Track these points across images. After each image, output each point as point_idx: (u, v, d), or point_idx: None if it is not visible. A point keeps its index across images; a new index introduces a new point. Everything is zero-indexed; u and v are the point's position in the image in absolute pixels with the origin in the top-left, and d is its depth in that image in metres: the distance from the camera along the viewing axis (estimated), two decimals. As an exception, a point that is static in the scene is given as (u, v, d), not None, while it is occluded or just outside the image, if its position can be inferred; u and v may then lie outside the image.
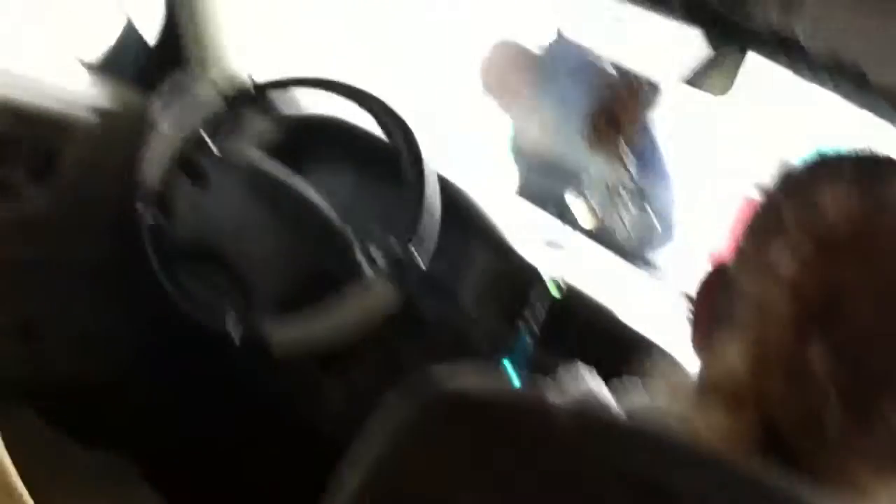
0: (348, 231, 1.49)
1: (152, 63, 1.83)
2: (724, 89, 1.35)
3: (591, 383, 0.68)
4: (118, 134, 1.74)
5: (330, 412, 1.55)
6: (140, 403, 1.78)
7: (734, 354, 0.60)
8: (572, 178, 1.66)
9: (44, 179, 1.67)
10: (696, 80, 1.39)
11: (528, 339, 1.41)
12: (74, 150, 1.69)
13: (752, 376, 0.58)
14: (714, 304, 0.66)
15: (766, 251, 0.60)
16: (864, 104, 1.14)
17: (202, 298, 1.49)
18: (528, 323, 1.41)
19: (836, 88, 1.25)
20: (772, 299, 0.58)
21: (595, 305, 1.45)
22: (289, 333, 1.39)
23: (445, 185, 1.51)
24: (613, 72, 1.55)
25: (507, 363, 1.39)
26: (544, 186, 1.72)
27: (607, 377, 0.71)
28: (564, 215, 1.57)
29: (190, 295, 1.49)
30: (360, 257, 1.44)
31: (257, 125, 1.72)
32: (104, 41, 1.78)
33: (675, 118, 1.74)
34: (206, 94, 1.65)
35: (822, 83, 1.24)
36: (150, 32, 1.83)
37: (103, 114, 1.71)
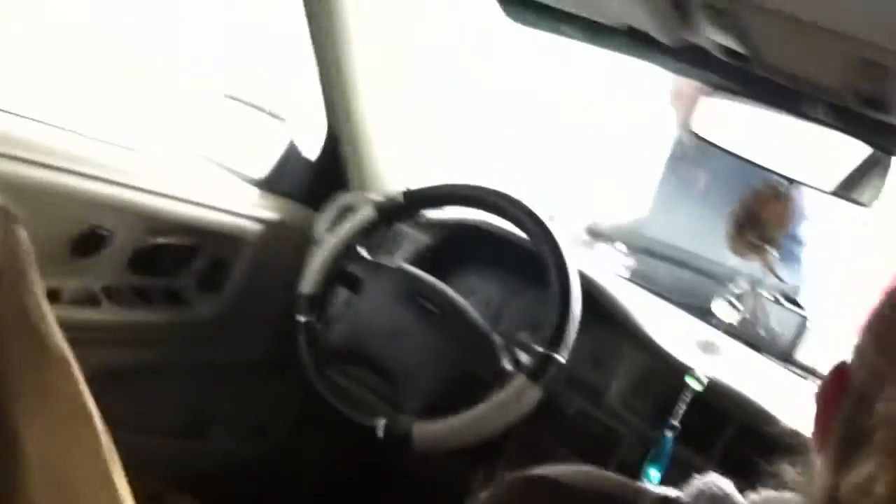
0: (493, 334, 1.54)
1: (314, 180, 1.96)
2: (871, 199, 1.32)
3: (716, 479, 0.69)
4: (282, 246, 1.86)
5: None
6: (290, 481, 1.87)
7: (872, 476, 0.57)
8: (714, 278, 1.66)
9: (212, 288, 1.80)
10: (845, 191, 1.36)
11: (672, 437, 1.39)
12: (243, 261, 1.82)
13: (891, 499, 0.56)
14: (836, 409, 0.65)
15: None
16: None
17: (352, 396, 1.56)
18: (672, 420, 1.40)
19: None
20: None
21: (743, 401, 1.43)
22: (434, 433, 1.43)
23: (590, 285, 1.54)
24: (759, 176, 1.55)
25: (649, 461, 1.38)
26: (687, 286, 1.72)
27: (754, 474, 0.71)
28: (707, 315, 1.57)
29: (340, 392, 1.56)
30: (504, 360, 1.49)
31: (409, 235, 1.81)
32: (269, 159, 1.92)
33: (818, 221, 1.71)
34: (362, 208, 1.75)
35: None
36: (312, 151, 1.97)
37: (269, 228, 1.84)
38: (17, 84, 1.72)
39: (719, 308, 1.46)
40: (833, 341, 1.62)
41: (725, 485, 0.68)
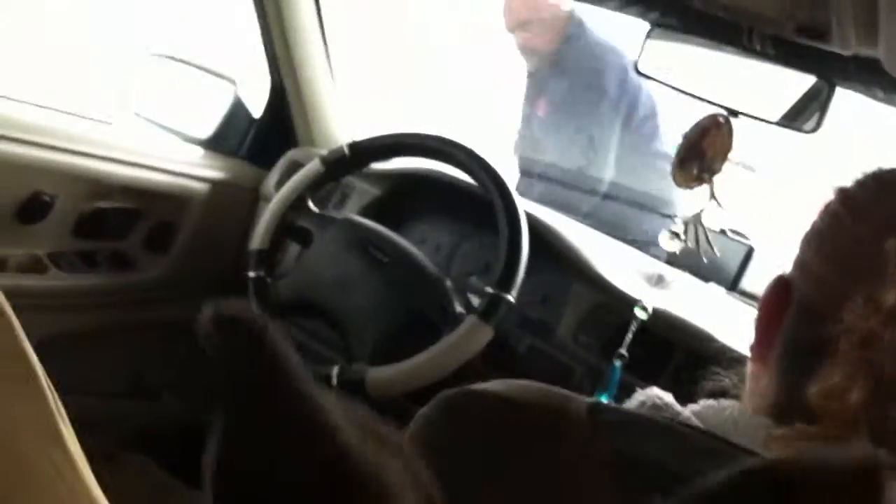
0: (444, 279, 1.54)
1: (260, 138, 1.94)
2: (814, 127, 1.33)
3: (657, 391, 0.70)
4: (230, 205, 1.85)
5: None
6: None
7: (843, 385, 0.59)
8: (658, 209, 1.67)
9: (159, 250, 1.79)
10: (788, 120, 1.37)
11: (620, 365, 1.41)
12: (189, 222, 1.81)
13: (865, 404, 0.58)
14: (780, 322, 0.66)
15: (866, 286, 0.59)
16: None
17: (305, 348, 1.55)
18: (620, 350, 1.42)
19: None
20: (881, 334, 0.58)
21: (686, 327, 1.45)
22: (387, 377, 1.43)
23: (536, 225, 1.55)
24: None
25: (599, 390, 1.39)
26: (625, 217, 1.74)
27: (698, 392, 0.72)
28: (654, 248, 1.58)
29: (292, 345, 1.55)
30: (456, 304, 1.49)
31: (358, 187, 1.81)
32: (214, 117, 1.89)
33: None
34: (309, 162, 1.74)
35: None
36: (257, 107, 1.94)
37: (215, 187, 1.82)
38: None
39: (664, 240, 1.46)
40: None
41: (665, 395, 0.69)
